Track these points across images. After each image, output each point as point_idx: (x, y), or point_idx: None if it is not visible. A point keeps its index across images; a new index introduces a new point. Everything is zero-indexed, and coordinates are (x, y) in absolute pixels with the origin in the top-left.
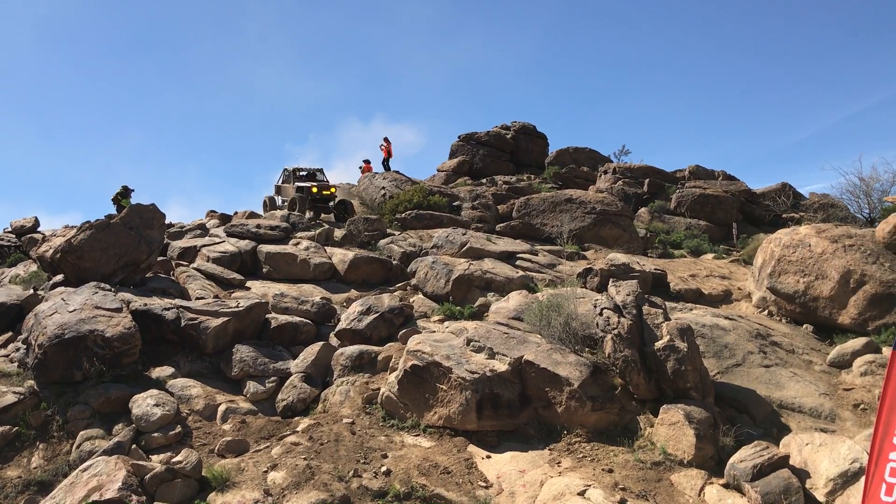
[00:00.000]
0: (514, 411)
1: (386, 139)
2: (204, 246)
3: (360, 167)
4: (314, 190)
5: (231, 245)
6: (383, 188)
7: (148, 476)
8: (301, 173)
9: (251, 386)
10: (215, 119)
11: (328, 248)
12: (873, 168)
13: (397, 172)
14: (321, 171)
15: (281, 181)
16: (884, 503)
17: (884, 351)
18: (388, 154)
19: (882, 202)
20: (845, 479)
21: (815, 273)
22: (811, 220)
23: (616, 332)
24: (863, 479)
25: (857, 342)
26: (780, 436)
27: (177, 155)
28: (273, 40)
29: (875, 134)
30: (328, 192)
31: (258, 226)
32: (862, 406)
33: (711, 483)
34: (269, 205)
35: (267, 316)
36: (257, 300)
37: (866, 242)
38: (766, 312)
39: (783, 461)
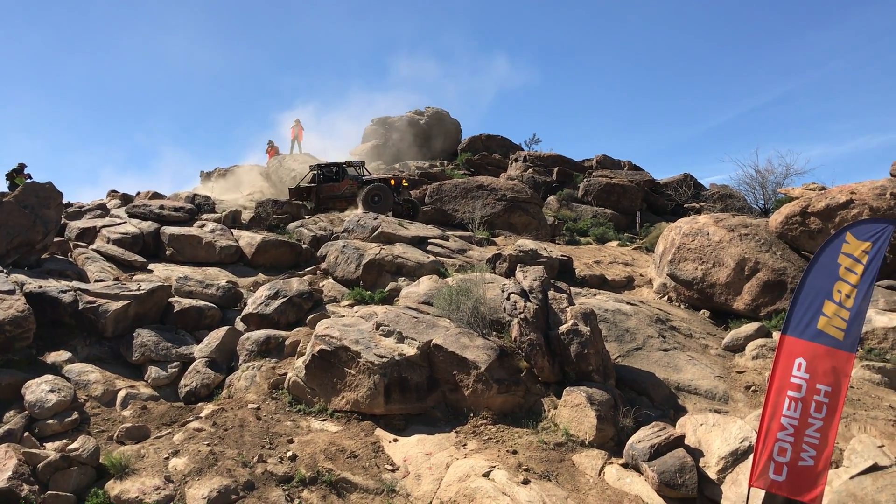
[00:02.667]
0: (421, 395)
1: (297, 121)
2: (104, 227)
3: (266, 151)
4: (392, 183)
5: (133, 226)
6: (293, 171)
7: (41, 464)
8: (330, 168)
9: (153, 371)
10: (114, 88)
11: (235, 231)
12: (769, 161)
13: (308, 155)
14: (363, 163)
15: (317, 181)
16: (772, 480)
17: (774, 335)
18: (298, 136)
19: (776, 193)
20: (735, 458)
21: (712, 260)
22: (711, 209)
23: (522, 316)
24: (751, 457)
25: (749, 327)
26: (676, 417)
27: (76, 128)
28: (177, 6)
29: (771, 128)
30: (406, 184)
31: (162, 206)
32: (753, 388)
33: (611, 463)
34: (315, 199)
35: (170, 300)
36: (160, 283)
37: (760, 232)
38: (666, 298)
39: (679, 441)
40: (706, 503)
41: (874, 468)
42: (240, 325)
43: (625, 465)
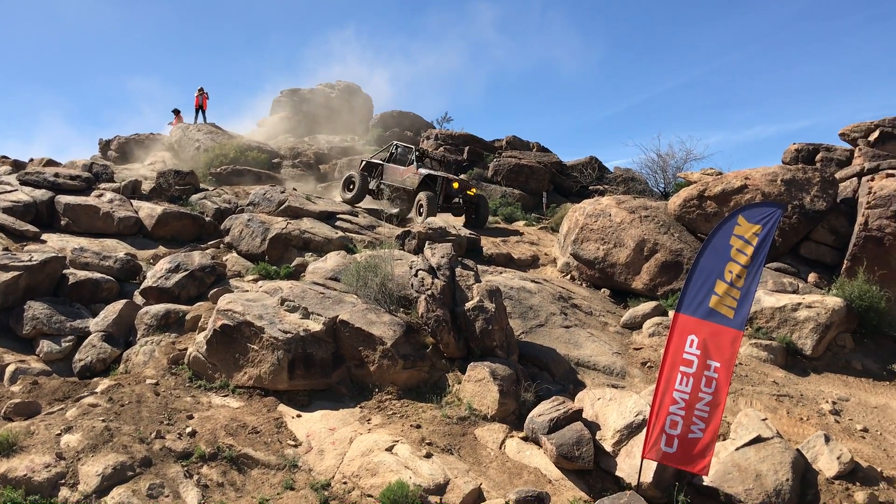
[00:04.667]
0: (326, 370)
1: (201, 89)
2: None
3: (170, 122)
4: (456, 186)
5: (25, 194)
6: (198, 141)
7: None
8: (427, 157)
9: (45, 345)
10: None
11: (135, 202)
12: (670, 146)
13: (213, 125)
14: (446, 158)
15: (389, 159)
16: (663, 452)
17: (670, 314)
18: (203, 106)
19: (676, 178)
20: (630, 431)
21: (613, 241)
22: (614, 192)
23: (429, 292)
24: (645, 430)
25: (647, 305)
26: (576, 391)
27: None
28: None
29: (674, 114)
30: (471, 192)
31: (57, 174)
32: (649, 364)
33: (512, 436)
34: (359, 187)
35: (65, 272)
36: (53, 254)
37: (660, 214)
38: (569, 277)
39: (577, 415)
40: (602, 475)
41: (758, 440)
42: (138, 299)
43: (525, 439)
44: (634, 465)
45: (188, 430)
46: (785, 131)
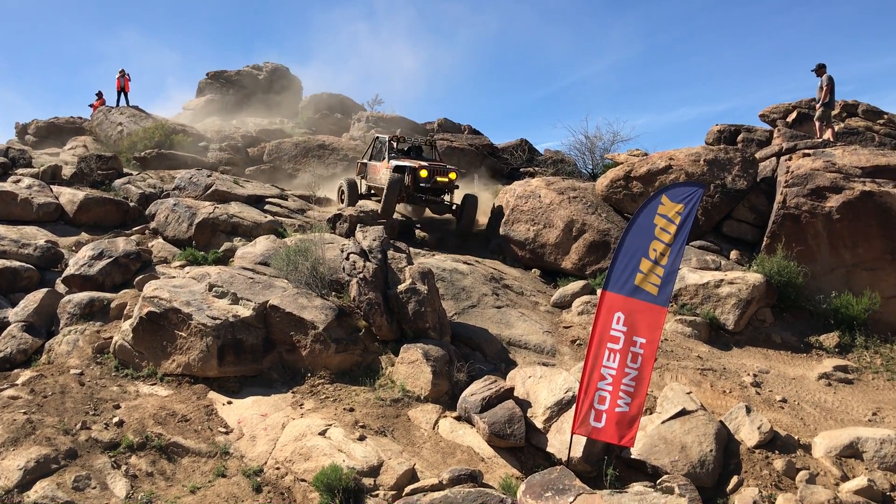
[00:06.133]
0: (257, 356)
1: (122, 71)
2: None
3: (91, 104)
4: (423, 174)
5: None
6: (120, 124)
7: None
8: (403, 145)
9: None
10: None
11: (55, 188)
12: (598, 128)
13: (136, 108)
14: (432, 143)
15: (370, 156)
16: (592, 427)
17: (598, 292)
18: (125, 88)
19: (603, 159)
20: (560, 407)
21: (543, 222)
22: (544, 173)
23: (361, 275)
24: (574, 406)
25: (576, 285)
26: (507, 370)
27: None
28: None
29: (601, 97)
30: (444, 179)
31: None
32: (578, 342)
33: (445, 416)
34: (348, 194)
35: None
36: None
37: (588, 195)
38: (500, 258)
39: (508, 393)
40: (533, 451)
41: (683, 413)
42: (61, 288)
43: (458, 418)
44: (565, 440)
45: (115, 420)
46: (709, 113)
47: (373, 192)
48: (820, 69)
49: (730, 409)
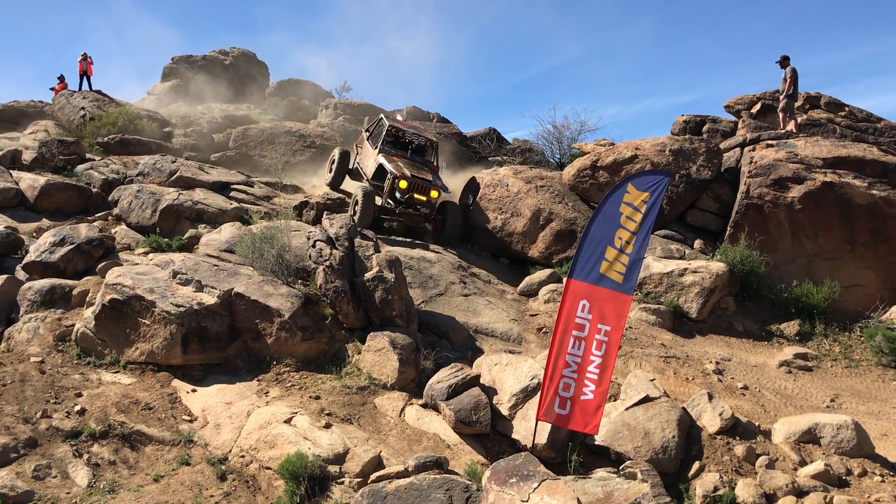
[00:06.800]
0: (222, 344)
1: (84, 54)
2: None
3: (53, 87)
4: (402, 185)
5: None
6: (83, 109)
7: None
8: (405, 138)
9: None
10: None
11: (15, 173)
12: (565, 117)
13: (99, 92)
14: (435, 146)
15: (369, 134)
16: (557, 414)
17: (565, 281)
18: (88, 72)
19: (571, 148)
20: (525, 394)
21: (511, 210)
22: (512, 162)
23: (328, 263)
24: (539, 393)
25: (542, 273)
26: (474, 358)
27: None
28: None
29: (571, 86)
30: (422, 198)
31: None
32: (544, 329)
33: (412, 404)
34: (337, 166)
35: None
36: None
37: (555, 184)
38: (468, 246)
39: (474, 381)
40: (499, 438)
41: (646, 399)
42: (21, 275)
43: (424, 406)
44: (530, 427)
45: (77, 408)
46: (677, 104)
47: (358, 171)
48: (784, 61)
49: (692, 396)
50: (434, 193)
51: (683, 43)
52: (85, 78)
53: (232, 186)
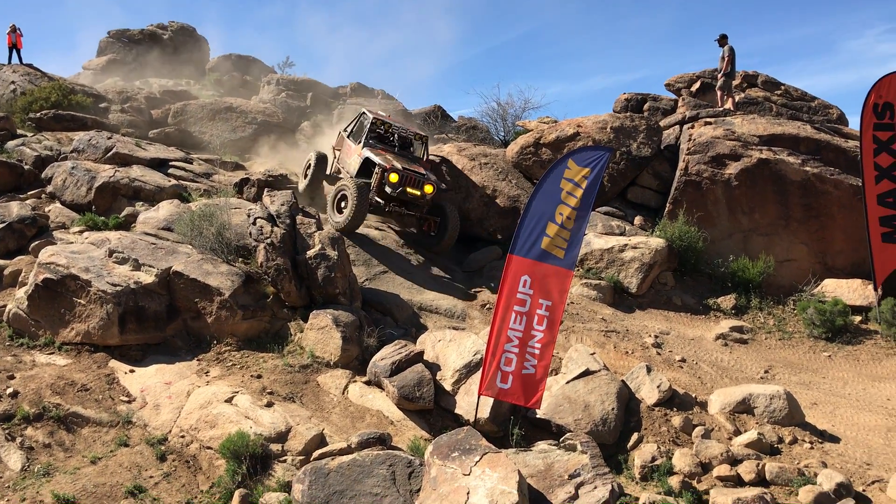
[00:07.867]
0: (160, 324)
1: (13, 26)
2: None
3: None
4: (393, 178)
5: None
6: (13, 83)
7: None
8: (390, 132)
9: None
10: None
11: None
12: (510, 95)
13: (31, 66)
14: (424, 140)
15: (350, 131)
16: (499, 389)
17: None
18: (17, 44)
19: (515, 126)
20: (468, 369)
21: (455, 188)
22: (456, 140)
23: (269, 241)
24: (481, 368)
25: (487, 250)
26: (418, 335)
27: None
28: None
29: (517, 63)
30: (415, 192)
31: None
32: (488, 306)
33: (355, 381)
34: (314, 170)
35: None
36: None
37: (499, 161)
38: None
39: (418, 357)
40: (442, 413)
41: (586, 373)
42: None
43: (368, 383)
44: (473, 402)
45: (9, 390)
46: (620, 82)
47: (339, 173)
48: (722, 39)
49: (632, 369)
50: (428, 188)
51: (628, 21)
52: (14, 51)
53: (170, 163)
